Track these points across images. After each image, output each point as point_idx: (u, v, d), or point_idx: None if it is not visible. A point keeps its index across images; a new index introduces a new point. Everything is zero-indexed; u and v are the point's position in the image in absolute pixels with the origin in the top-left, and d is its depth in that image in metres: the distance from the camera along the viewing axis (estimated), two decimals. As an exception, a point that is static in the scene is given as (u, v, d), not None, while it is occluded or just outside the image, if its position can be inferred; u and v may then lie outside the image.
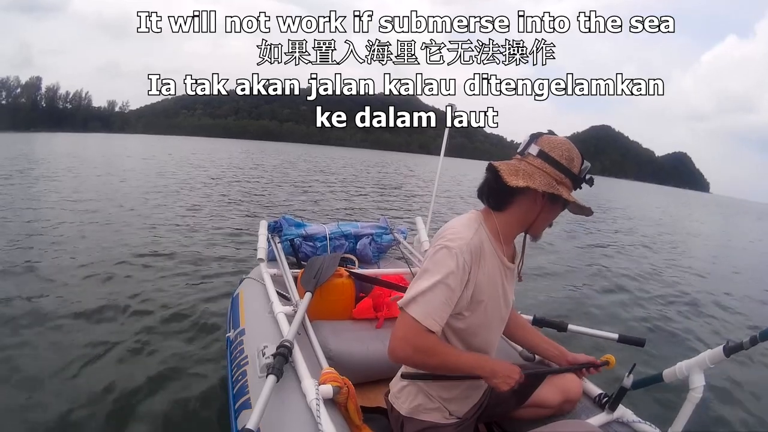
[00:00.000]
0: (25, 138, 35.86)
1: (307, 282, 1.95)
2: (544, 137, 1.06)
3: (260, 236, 2.37)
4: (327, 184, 14.26)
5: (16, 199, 7.37)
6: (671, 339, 3.73)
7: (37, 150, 21.88)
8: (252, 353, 1.49)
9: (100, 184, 10.38)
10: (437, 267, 1.00)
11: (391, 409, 1.22)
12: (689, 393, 1.16)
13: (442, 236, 1.05)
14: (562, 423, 1.29)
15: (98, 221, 6.18)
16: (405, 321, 0.99)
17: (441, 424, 1.15)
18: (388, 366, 1.73)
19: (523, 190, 1.01)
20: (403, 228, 2.83)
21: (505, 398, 1.27)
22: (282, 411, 1.17)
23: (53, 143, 30.02)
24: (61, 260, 4.21)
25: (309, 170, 20.14)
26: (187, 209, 7.73)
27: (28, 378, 2.25)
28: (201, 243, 5.35)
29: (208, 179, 13.09)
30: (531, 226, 1.09)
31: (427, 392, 1.15)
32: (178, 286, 3.73)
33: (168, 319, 3.06)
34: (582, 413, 1.36)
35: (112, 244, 4.92)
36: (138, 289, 3.60)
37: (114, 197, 8.36)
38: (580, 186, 1.07)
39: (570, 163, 1.04)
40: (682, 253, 8.91)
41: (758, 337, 1.07)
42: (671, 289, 5.52)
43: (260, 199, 9.76)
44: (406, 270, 2.45)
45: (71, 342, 2.65)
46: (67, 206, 7.06)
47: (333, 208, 9.13)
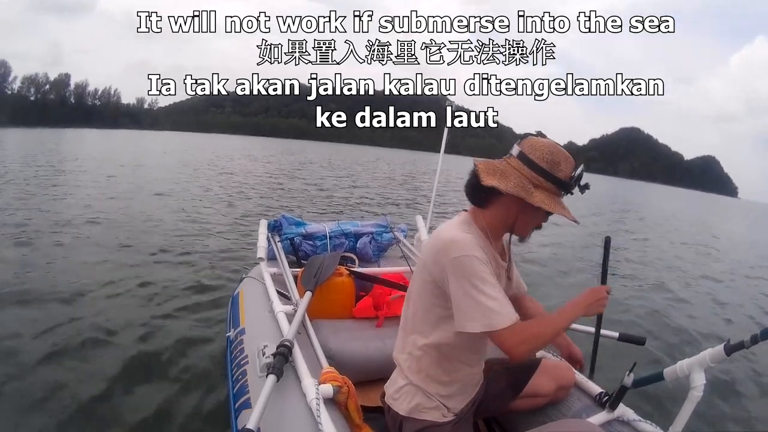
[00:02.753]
0: (56, 134, 35.89)
1: (307, 281, 1.95)
2: (528, 139, 1.06)
3: (260, 235, 2.37)
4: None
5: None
6: (671, 338, 3.72)
7: (87, 147, 22.12)
8: (252, 353, 1.49)
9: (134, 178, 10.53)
10: (468, 276, 0.99)
11: (388, 410, 1.22)
12: (690, 392, 1.16)
13: (444, 248, 1.03)
14: (562, 422, 1.30)
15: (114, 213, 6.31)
16: (499, 338, 1.00)
17: (440, 423, 1.15)
18: (388, 365, 1.74)
19: (496, 189, 1.02)
20: (403, 226, 2.83)
21: (500, 391, 1.29)
22: (282, 410, 1.17)
23: (89, 138, 30.41)
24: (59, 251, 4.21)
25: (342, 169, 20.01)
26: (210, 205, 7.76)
27: (22, 372, 2.26)
28: (210, 238, 5.36)
29: (251, 178, 13.08)
30: (513, 227, 1.11)
31: (425, 391, 1.15)
32: (179, 286, 3.73)
33: (168, 319, 3.06)
34: (583, 412, 1.36)
35: (114, 239, 4.93)
36: (138, 289, 3.59)
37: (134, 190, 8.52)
38: (569, 191, 1.06)
39: (552, 166, 1.02)
40: (691, 255, 8.76)
41: (759, 335, 1.07)
42: (674, 288, 5.53)
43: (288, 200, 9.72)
44: (406, 268, 2.44)
45: (71, 342, 2.65)
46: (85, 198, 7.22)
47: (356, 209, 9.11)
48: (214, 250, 5.00)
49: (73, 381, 2.25)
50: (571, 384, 1.43)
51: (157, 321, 3.02)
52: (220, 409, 2.06)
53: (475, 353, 1.18)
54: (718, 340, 1.20)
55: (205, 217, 6.86)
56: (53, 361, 2.43)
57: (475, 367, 1.21)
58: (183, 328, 2.95)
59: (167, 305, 3.29)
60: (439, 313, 1.09)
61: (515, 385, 1.34)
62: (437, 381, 1.14)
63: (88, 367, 2.38)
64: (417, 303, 1.15)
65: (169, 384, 2.29)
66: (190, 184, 10.69)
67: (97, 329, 2.85)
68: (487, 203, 1.08)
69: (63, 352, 2.53)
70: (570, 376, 1.43)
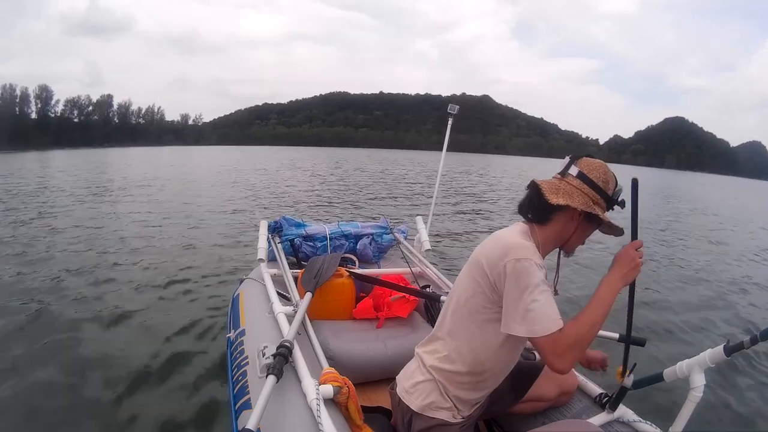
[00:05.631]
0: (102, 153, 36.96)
1: (307, 282, 1.95)
2: (583, 159, 1.14)
3: (260, 236, 2.37)
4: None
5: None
6: (672, 338, 3.71)
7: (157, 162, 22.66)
8: (252, 353, 1.48)
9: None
10: (525, 279, 1.01)
11: (398, 402, 1.22)
12: (690, 392, 1.16)
13: (506, 251, 1.05)
14: (563, 423, 1.30)
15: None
16: (541, 346, 1.00)
17: (450, 423, 1.16)
18: (388, 366, 1.74)
19: (562, 207, 1.09)
20: (403, 228, 2.83)
21: (503, 393, 1.29)
22: (282, 411, 1.17)
23: (141, 157, 30.81)
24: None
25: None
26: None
27: (22, 371, 2.26)
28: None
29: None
30: (566, 243, 1.15)
31: (443, 391, 1.16)
32: (178, 286, 3.73)
33: (168, 319, 3.06)
34: (583, 413, 1.37)
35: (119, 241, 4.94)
36: (138, 288, 3.60)
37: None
38: (612, 207, 1.14)
39: (605, 185, 1.11)
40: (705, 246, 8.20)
41: (759, 336, 1.07)
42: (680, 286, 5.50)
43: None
44: (406, 270, 2.44)
45: (69, 341, 2.65)
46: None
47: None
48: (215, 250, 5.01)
49: (73, 382, 2.26)
50: (573, 389, 1.43)
51: (157, 320, 3.03)
52: (221, 409, 2.07)
53: (506, 365, 1.19)
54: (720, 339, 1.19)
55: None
56: (53, 359, 2.43)
57: (500, 377, 1.21)
58: (183, 328, 2.96)
59: (167, 305, 3.30)
60: (487, 315, 1.10)
61: (518, 388, 1.34)
62: (459, 384, 1.15)
63: (88, 368, 2.39)
64: (462, 302, 1.15)
65: (169, 384, 2.29)
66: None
67: (96, 328, 2.86)
68: (548, 221, 1.13)
69: (62, 351, 2.53)
70: (573, 381, 1.43)
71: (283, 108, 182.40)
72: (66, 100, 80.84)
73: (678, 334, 3.69)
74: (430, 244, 2.63)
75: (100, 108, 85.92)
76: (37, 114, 73.16)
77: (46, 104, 75.46)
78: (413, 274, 2.41)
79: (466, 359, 1.13)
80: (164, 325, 2.99)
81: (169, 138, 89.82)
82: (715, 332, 3.84)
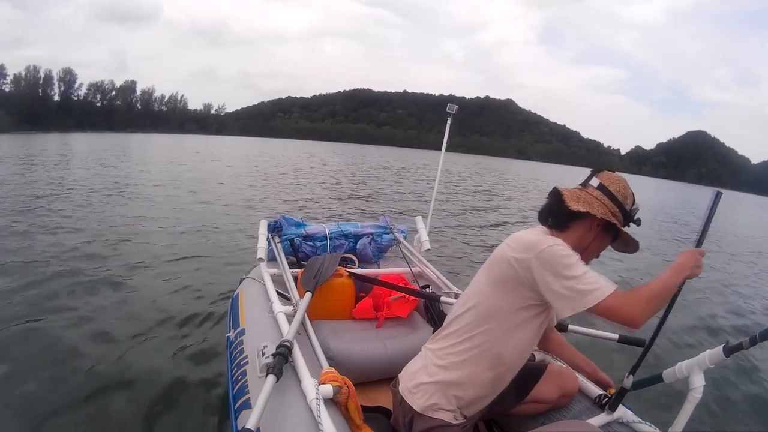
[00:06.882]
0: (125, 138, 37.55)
1: (307, 282, 1.95)
2: (604, 173, 1.19)
3: (260, 236, 2.36)
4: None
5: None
6: (672, 339, 3.71)
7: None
8: (252, 353, 1.48)
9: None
10: (561, 261, 1.03)
11: (400, 401, 1.22)
12: (689, 393, 1.16)
13: (531, 245, 1.08)
14: (562, 423, 1.30)
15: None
16: (609, 307, 1.00)
17: (451, 424, 1.17)
18: (388, 365, 1.74)
19: (581, 216, 1.13)
20: (403, 227, 2.83)
21: (504, 395, 1.29)
22: (282, 411, 1.17)
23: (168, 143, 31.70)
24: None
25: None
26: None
27: (22, 371, 2.26)
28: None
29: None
30: (583, 253, 1.15)
31: (447, 393, 1.16)
32: (178, 286, 3.73)
33: (168, 319, 3.05)
34: (582, 414, 1.37)
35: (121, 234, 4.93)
36: (138, 288, 3.60)
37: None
38: (628, 224, 1.18)
39: (624, 199, 1.16)
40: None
41: (758, 336, 1.07)
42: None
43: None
44: (406, 269, 2.44)
45: (69, 341, 2.65)
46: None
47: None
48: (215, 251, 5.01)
49: (73, 382, 2.25)
50: (574, 392, 1.43)
51: (157, 321, 3.02)
52: (220, 409, 2.06)
53: (522, 359, 1.21)
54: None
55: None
56: (52, 360, 2.43)
57: (515, 373, 1.23)
58: (183, 328, 2.95)
59: (167, 305, 3.29)
60: (511, 310, 1.12)
61: (519, 390, 1.34)
62: (467, 386, 1.16)
63: (88, 368, 2.39)
64: (483, 300, 1.16)
65: (168, 384, 2.29)
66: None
67: (95, 328, 2.85)
68: (567, 227, 1.16)
69: (61, 352, 2.53)
70: (574, 384, 1.43)
71: (306, 102, 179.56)
72: (89, 84, 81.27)
73: (678, 334, 3.69)
74: (429, 244, 2.63)
75: (123, 93, 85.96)
76: (60, 97, 73.44)
77: (69, 87, 75.89)
78: (413, 274, 2.41)
79: (483, 364, 1.14)
80: (163, 323, 2.98)
81: (191, 126, 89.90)
82: (714, 332, 3.85)
